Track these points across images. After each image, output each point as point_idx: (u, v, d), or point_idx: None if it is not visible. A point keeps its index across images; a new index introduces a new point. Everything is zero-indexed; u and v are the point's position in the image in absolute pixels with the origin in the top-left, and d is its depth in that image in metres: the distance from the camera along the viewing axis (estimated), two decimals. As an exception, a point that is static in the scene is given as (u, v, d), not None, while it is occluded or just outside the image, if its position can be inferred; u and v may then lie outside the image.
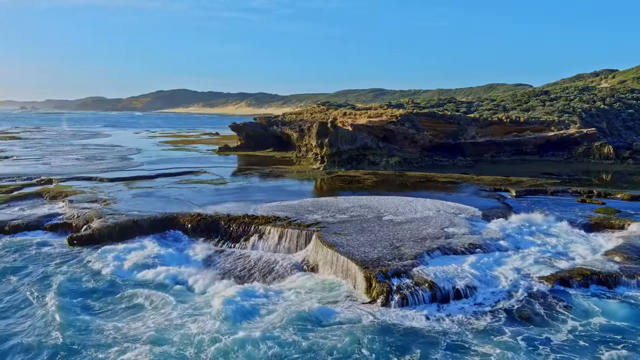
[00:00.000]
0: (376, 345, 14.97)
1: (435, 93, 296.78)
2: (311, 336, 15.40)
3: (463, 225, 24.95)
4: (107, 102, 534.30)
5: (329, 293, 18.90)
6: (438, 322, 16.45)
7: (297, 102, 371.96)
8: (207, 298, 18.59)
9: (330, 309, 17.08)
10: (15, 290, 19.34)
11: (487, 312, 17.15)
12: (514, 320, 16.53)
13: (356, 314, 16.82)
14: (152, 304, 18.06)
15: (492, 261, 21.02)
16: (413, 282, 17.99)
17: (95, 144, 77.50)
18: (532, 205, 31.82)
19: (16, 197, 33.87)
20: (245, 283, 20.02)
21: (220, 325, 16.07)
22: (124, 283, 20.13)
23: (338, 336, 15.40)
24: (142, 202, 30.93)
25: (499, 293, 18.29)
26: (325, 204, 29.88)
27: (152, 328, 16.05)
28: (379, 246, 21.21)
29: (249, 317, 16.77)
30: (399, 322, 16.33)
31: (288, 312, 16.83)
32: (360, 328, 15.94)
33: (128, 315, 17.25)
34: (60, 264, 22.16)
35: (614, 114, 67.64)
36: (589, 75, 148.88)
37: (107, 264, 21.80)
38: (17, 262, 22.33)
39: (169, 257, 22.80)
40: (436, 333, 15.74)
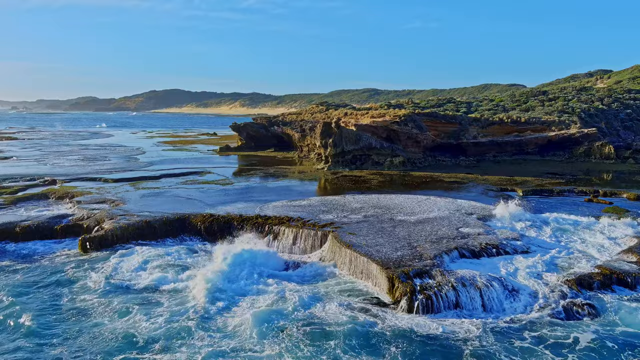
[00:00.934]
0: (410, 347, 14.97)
1: (430, 93, 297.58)
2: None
3: (477, 226, 25.00)
4: (100, 102, 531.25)
5: (352, 293, 18.88)
6: (461, 323, 16.47)
7: (291, 102, 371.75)
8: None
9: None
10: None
11: (507, 314, 17.16)
12: (537, 323, 16.48)
13: (380, 315, 16.80)
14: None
15: (510, 261, 21.06)
16: (435, 282, 17.97)
17: (94, 144, 76.99)
18: (540, 204, 31.95)
19: (22, 198, 33.54)
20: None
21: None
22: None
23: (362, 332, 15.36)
24: (152, 202, 30.75)
25: (521, 294, 18.28)
26: (335, 203, 29.84)
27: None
28: (396, 246, 21.19)
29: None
30: (424, 323, 16.34)
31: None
32: (388, 330, 15.92)
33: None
34: (78, 269, 21.82)
35: (612, 114, 68.07)
36: (584, 75, 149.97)
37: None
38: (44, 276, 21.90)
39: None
40: (458, 335, 15.74)
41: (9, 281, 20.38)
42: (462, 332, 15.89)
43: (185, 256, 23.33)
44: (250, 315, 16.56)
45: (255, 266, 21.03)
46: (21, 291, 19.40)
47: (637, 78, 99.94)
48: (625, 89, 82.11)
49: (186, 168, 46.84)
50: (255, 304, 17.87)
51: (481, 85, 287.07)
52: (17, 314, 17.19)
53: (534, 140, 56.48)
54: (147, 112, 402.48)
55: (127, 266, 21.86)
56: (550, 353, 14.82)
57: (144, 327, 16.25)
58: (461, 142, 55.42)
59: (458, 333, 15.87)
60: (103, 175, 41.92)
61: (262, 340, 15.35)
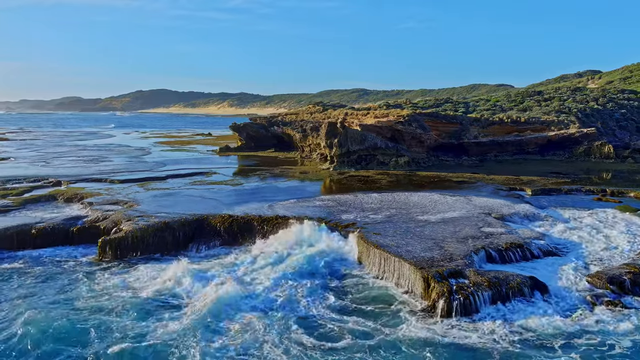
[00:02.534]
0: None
1: (419, 93, 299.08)
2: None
3: (497, 225, 25.10)
4: (85, 102, 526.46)
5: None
6: (503, 324, 16.52)
7: (280, 102, 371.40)
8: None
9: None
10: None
11: (542, 315, 17.20)
12: (570, 326, 16.53)
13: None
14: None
15: (538, 261, 21.25)
16: (470, 282, 17.99)
17: (92, 145, 76.01)
18: (552, 203, 32.19)
19: (29, 200, 32.97)
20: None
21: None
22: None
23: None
24: (166, 203, 30.40)
25: (556, 294, 18.36)
26: (351, 203, 29.80)
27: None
28: (424, 247, 21.19)
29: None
30: (464, 325, 16.37)
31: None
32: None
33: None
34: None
35: (607, 113, 68.89)
36: (573, 75, 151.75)
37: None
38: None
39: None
40: (496, 335, 15.80)
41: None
42: (501, 330, 15.94)
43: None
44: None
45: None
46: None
47: (628, 78, 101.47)
48: (618, 89, 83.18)
49: (190, 168, 46.47)
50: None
51: (470, 85, 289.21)
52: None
53: (534, 140, 56.98)
54: (135, 112, 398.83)
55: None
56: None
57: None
58: (463, 142, 55.70)
59: (499, 330, 15.92)
60: (108, 176, 41.38)
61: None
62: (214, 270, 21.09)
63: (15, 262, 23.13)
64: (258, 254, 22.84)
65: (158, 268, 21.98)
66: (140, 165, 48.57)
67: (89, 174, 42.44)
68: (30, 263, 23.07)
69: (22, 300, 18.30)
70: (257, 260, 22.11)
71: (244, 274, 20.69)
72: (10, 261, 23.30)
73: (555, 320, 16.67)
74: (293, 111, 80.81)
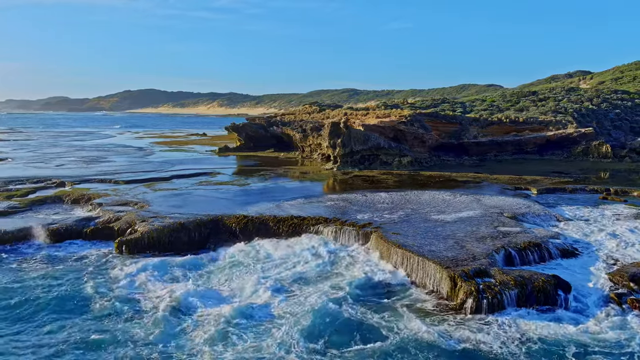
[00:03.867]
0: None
1: (409, 93, 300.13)
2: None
3: (512, 224, 25.27)
4: (73, 102, 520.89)
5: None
6: (530, 323, 16.67)
7: (271, 102, 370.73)
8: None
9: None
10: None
11: (569, 313, 17.38)
12: (597, 323, 16.72)
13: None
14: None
15: (558, 260, 21.46)
16: (496, 281, 18.12)
17: (87, 145, 75.39)
18: (559, 202, 32.56)
19: (36, 201, 32.61)
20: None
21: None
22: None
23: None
24: (177, 203, 30.25)
25: (578, 294, 18.55)
26: (362, 202, 29.86)
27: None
28: (445, 246, 21.30)
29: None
30: (493, 323, 16.50)
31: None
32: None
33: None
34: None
35: (602, 113, 69.71)
36: (563, 76, 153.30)
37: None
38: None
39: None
40: (525, 333, 15.94)
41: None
42: (526, 328, 16.09)
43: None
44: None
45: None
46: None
47: (619, 79, 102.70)
48: (611, 89, 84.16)
49: (193, 169, 46.25)
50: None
51: (459, 85, 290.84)
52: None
53: (532, 139, 57.50)
54: (124, 113, 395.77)
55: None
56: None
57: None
58: (463, 142, 56.06)
59: (523, 329, 16.06)
60: (111, 176, 41.02)
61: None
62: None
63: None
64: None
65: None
66: (142, 166, 48.23)
67: (92, 175, 42.05)
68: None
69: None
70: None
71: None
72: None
73: (582, 318, 16.87)
74: (290, 111, 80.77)
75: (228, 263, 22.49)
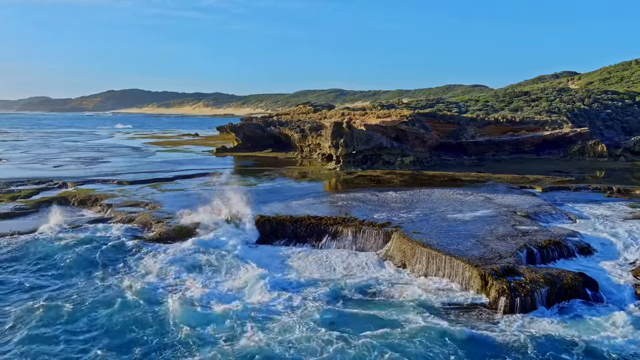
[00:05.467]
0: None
1: (396, 94, 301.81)
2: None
3: (528, 223, 25.49)
4: (55, 102, 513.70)
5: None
6: (563, 320, 16.82)
7: (257, 102, 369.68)
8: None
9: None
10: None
11: (598, 310, 17.55)
12: (627, 319, 16.91)
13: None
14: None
15: (580, 257, 21.71)
16: (526, 279, 18.25)
17: (81, 145, 74.36)
18: (566, 201, 32.89)
19: (41, 202, 32.09)
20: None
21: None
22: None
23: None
24: (188, 204, 29.83)
25: (605, 291, 18.78)
26: (374, 201, 29.90)
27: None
28: (469, 245, 21.40)
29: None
30: (526, 320, 16.62)
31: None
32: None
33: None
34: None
35: (594, 113, 70.77)
36: (550, 76, 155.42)
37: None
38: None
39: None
40: (559, 330, 16.09)
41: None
42: (559, 326, 16.23)
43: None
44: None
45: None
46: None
47: (607, 79, 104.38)
48: (601, 89, 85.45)
49: (195, 169, 45.92)
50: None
51: (445, 86, 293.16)
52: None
53: (530, 139, 58.11)
54: (108, 113, 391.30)
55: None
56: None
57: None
58: (461, 142, 56.45)
59: (557, 327, 16.20)
60: (113, 177, 40.56)
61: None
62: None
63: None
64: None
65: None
66: (142, 167, 47.70)
67: (93, 176, 41.52)
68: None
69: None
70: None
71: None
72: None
73: (614, 315, 17.04)
74: (285, 111, 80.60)
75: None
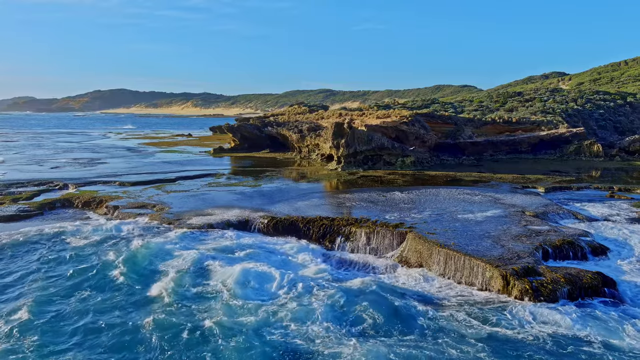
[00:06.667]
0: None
1: (385, 94, 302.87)
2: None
3: (539, 223, 25.65)
4: (41, 102, 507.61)
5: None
6: (585, 319, 16.94)
7: (246, 102, 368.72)
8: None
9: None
10: None
11: (621, 309, 17.71)
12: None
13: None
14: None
15: (592, 258, 21.88)
16: (547, 279, 18.36)
17: (75, 146, 73.47)
18: (570, 200, 33.16)
19: (45, 204, 31.67)
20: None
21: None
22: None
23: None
24: (196, 205, 29.81)
25: (624, 290, 18.94)
26: (383, 202, 29.90)
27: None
28: (486, 245, 21.48)
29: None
30: (552, 319, 16.71)
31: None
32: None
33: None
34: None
35: (587, 114, 71.59)
36: (540, 77, 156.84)
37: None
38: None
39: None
40: (582, 328, 16.21)
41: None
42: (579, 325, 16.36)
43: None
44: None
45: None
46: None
47: (597, 80, 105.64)
48: (593, 90, 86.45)
49: (195, 170, 45.61)
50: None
51: (434, 86, 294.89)
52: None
53: (526, 139, 58.59)
54: (97, 113, 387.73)
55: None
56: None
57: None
58: (459, 142, 56.77)
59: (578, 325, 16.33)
60: (114, 178, 40.12)
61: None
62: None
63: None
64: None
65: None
66: (141, 167, 47.24)
67: (94, 177, 41.05)
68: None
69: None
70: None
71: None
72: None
73: (633, 313, 17.21)
74: (280, 112, 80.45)
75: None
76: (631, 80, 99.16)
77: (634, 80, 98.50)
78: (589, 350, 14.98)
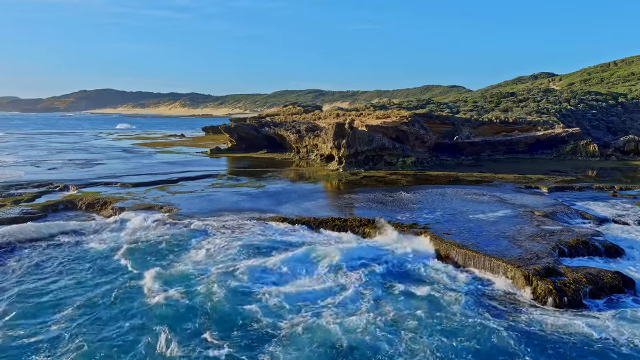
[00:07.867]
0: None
1: (374, 94, 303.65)
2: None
3: (550, 223, 25.78)
4: (25, 102, 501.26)
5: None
6: (610, 318, 17.00)
7: (235, 102, 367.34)
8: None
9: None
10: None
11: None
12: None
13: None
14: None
15: (606, 257, 22.00)
16: (569, 279, 18.41)
17: (69, 147, 72.39)
18: (575, 200, 33.34)
19: (48, 206, 31.12)
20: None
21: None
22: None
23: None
24: (205, 206, 29.51)
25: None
26: (391, 202, 29.89)
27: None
28: (504, 245, 21.51)
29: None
30: (576, 319, 16.75)
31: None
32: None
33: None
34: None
35: (580, 114, 72.30)
36: (529, 77, 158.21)
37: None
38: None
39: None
40: (610, 328, 16.27)
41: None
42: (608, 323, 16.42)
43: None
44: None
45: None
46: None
47: (587, 80, 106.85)
48: (585, 90, 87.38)
49: (195, 171, 45.18)
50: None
51: (423, 86, 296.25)
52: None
53: (523, 139, 58.99)
54: (84, 113, 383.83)
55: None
56: None
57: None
58: (457, 142, 56.99)
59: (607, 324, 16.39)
60: (115, 179, 39.58)
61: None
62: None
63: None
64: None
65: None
66: (140, 169, 46.63)
67: (93, 178, 40.45)
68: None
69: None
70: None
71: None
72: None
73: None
74: (275, 112, 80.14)
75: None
76: (621, 81, 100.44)
77: (624, 81, 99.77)
78: (623, 351, 15.02)
